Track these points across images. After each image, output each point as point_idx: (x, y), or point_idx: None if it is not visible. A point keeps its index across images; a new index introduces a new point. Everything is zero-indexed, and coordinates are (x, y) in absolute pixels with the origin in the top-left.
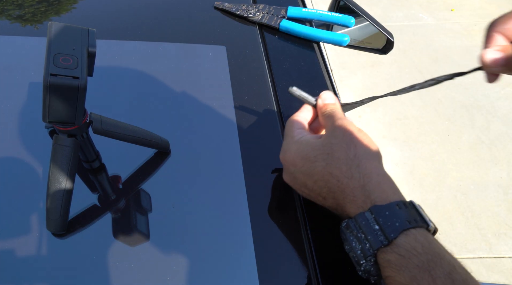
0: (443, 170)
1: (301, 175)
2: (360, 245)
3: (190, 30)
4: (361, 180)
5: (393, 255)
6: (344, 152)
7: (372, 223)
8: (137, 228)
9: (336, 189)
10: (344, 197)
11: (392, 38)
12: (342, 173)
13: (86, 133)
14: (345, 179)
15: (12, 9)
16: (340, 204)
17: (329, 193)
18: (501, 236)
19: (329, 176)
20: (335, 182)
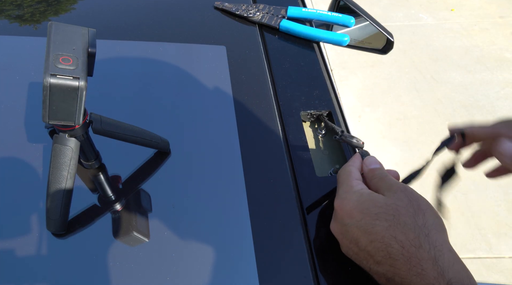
0: None
1: (356, 229)
2: None
3: (190, 30)
4: (431, 252)
5: None
6: (412, 218)
7: None
8: (137, 228)
9: (399, 257)
10: (410, 268)
11: (392, 38)
12: (409, 240)
13: (86, 133)
14: (412, 247)
15: (11, 9)
16: (399, 274)
17: (387, 258)
18: (501, 236)
19: (392, 240)
20: (399, 248)
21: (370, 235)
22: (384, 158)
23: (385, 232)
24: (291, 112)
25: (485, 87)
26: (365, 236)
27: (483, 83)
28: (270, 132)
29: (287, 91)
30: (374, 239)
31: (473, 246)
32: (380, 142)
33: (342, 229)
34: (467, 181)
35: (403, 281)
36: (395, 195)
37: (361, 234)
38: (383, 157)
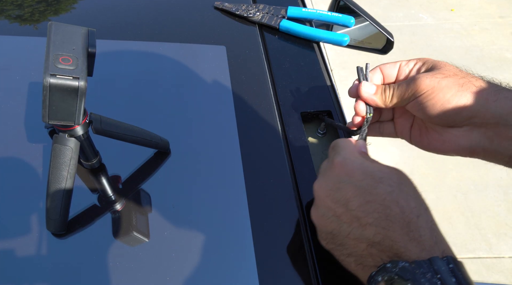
0: (443, 170)
1: (352, 188)
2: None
3: (190, 30)
4: (429, 223)
5: None
6: (414, 191)
7: (448, 274)
8: (137, 228)
9: (398, 220)
10: (407, 232)
11: (392, 38)
12: (410, 207)
13: (86, 133)
14: (412, 214)
15: (11, 9)
16: (392, 237)
17: (383, 220)
18: (501, 236)
19: (393, 203)
20: (399, 211)
21: (369, 196)
22: (384, 158)
23: (387, 195)
24: (291, 112)
25: None
26: (362, 196)
27: None
28: (270, 132)
29: (287, 91)
30: (372, 199)
31: (473, 246)
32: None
33: (334, 186)
34: (467, 181)
35: (395, 244)
36: (398, 172)
37: (358, 193)
38: (383, 157)
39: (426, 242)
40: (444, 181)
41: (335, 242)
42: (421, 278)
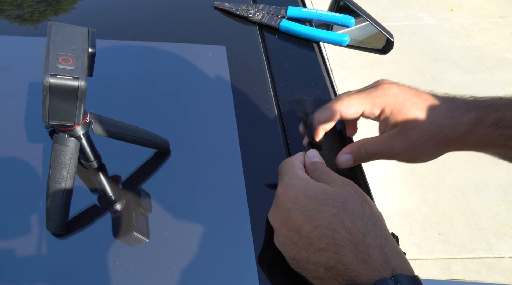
0: (443, 170)
1: (299, 215)
2: None
3: (190, 30)
4: (378, 240)
5: None
6: (360, 207)
7: None
8: (137, 228)
9: (346, 243)
10: (356, 254)
11: (392, 38)
12: (356, 227)
13: (86, 133)
14: (359, 234)
15: (11, 9)
16: (344, 262)
17: (332, 245)
18: (501, 236)
19: (339, 226)
20: (346, 234)
21: (316, 221)
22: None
23: (332, 218)
24: (291, 112)
25: (485, 87)
26: (310, 222)
27: (483, 83)
28: (270, 132)
29: (287, 91)
30: (319, 224)
31: (473, 246)
32: None
33: (283, 215)
34: (467, 181)
35: (347, 268)
36: (342, 186)
37: (306, 219)
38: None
39: (375, 262)
40: (444, 181)
41: (300, 266)
42: None
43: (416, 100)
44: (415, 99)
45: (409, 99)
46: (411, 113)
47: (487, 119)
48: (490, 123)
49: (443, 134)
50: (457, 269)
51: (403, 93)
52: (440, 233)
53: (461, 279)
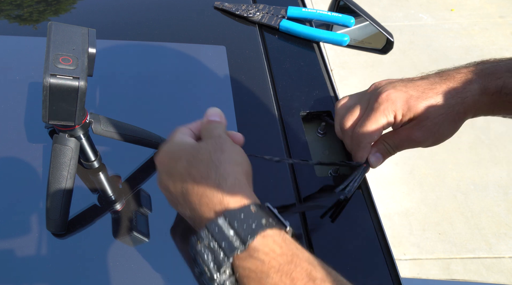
0: (443, 170)
1: (164, 175)
2: (213, 255)
3: (190, 30)
4: (217, 180)
5: (252, 262)
6: (208, 154)
7: (226, 229)
8: (137, 228)
9: (191, 191)
10: (200, 199)
11: (392, 38)
12: (199, 173)
13: (86, 133)
14: (202, 179)
15: (11, 9)
16: (195, 209)
17: (185, 195)
18: (501, 236)
19: (187, 176)
20: (191, 182)
21: (173, 177)
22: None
23: (183, 170)
24: (291, 112)
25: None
26: (170, 179)
27: None
28: (270, 132)
29: (287, 91)
30: (175, 179)
31: (473, 246)
32: None
33: (158, 179)
34: (467, 181)
35: (195, 213)
36: (207, 140)
37: (167, 178)
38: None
39: (213, 203)
40: (444, 181)
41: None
42: (200, 249)
43: (416, 93)
44: (415, 93)
45: (411, 95)
46: (419, 106)
47: (490, 88)
48: (493, 91)
49: (455, 111)
50: (457, 269)
51: (402, 93)
52: (440, 233)
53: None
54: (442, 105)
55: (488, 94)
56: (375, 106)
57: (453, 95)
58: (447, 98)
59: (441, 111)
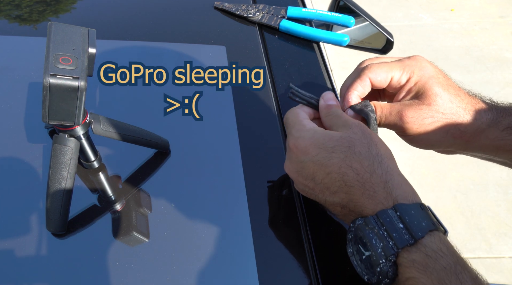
0: (443, 170)
1: (312, 164)
2: (382, 243)
3: (190, 30)
4: (383, 177)
5: (419, 255)
6: (366, 148)
7: (396, 221)
8: (137, 228)
9: (354, 183)
10: (363, 192)
11: (392, 38)
12: (364, 167)
13: (86, 133)
14: (366, 173)
15: (11, 9)
16: (354, 200)
17: (343, 187)
18: (501, 236)
19: (348, 169)
20: (354, 175)
21: (327, 168)
22: None
23: (342, 162)
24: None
25: (485, 87)
26: (322, 169)
27: (483, 83)
28: (270, 132)
29: (287, 91)
30: (331, 170)
31: (473, 246)
32: None
33: (297, 166)
34: (467, 181)
35: (356, 204)
36: (350, 129)
37: (318, 168)
38: None
39: (379, 196)
40: (444, 181)
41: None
42: (369, 233)
43: (443, 80)
44: (443, 79)
45: (438, 77)
46: (434, 89)
47: (502, 122)
48: (505, 126)
49: (456, 124)
50: None
51: (435, 70)
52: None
53: None
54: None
55: (499, 128)
56: (402, 59)
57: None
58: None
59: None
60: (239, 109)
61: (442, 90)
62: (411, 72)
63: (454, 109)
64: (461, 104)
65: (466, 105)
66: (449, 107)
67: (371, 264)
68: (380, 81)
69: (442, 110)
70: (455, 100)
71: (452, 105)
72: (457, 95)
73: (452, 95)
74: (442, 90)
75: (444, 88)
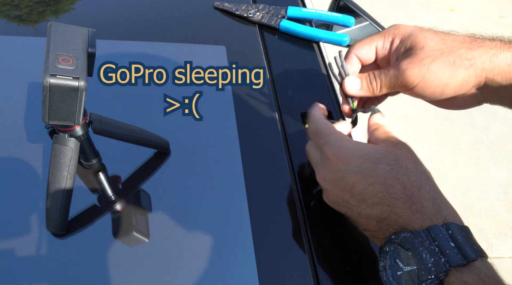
0: (443, 170)
1: (353, 174)
2: (433, 258)
3: (190, 30)
4: (431, 193)
5: (473, 277)
6: (413, 163)
7: (448, 239)
8: (137, 228)
9: (400, 196)
10: (410, 205)
11: None
12: (411, 181)
13: (86, 133)
14: (413, 187)
15: (11, 9)
16: (397, 213)
17: (387, 198)
18: (501, 236)
19: (394, 181)
20: (400, 188)
21: (371, 178)
22: None
23: (388, 174)
24: (291, 112)
25: None
26: (364, 180)
27: None
28: (270, 132)
29: (287, 91)
30: (375, 181)
31: None
32: None
33: (335, 176)
34: (467, 181)
35: (399, 218)
36: (397, 145)
37: (360, 178)
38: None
39: (428, 212)
40: (444, 181)
41: (351, 221)
42: (419, 246)
43: (429, 29)
44: (428, 29)
45: (421, 28)
46: (421, 35)
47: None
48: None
49: (459, 54)
50: None
51: (415, 26)
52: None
53: None
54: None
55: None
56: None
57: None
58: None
59: (441, 46)
60: (239, 109)
61: (431, 34)
62: (392, 34)
63: (451, 43)
64: (459, 39)
65: (465, 38)
66: (444, 43)
67: (412, 280)
68: (366, 53)
69: (438, 48)
70: (449, 38)
71: (447, 41)
72: (450, 34)
73: (444, 35)
74: (430, 34)
75: (432, 32)
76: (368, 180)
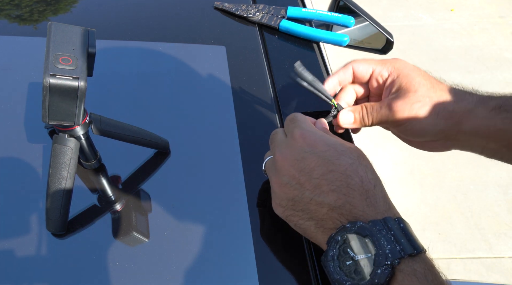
0: (443, 170)
1: (316, 158)
2: (389, 245)
3: (190, 30)
4: (383, 192)
5: (421, 265)
6: (370, 165)
7: (399, 231)
8: (137, 228)
9: (358, 188)
10: (365, 199)
11: (392, 38)
12: (368, 178)
13: (86, 133)
14: (370, 184)
15: (11, 9)
16: (352, 203)
17: (344, 188)
18: (501, 236)
19: (354, 173)
20: (358, 181)
21: (332, 165)
22: (384, 158)
23: (349, 166)
24: (291, 112)
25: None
26: (326, 166)
27: (483, 83)
28: (270, 132)
29: (287, 91)
30: (335, 169)
31: (473, 246)
32: (380, 142)
33: (297, 156)
34: (467, 181)
35: (354, 208)
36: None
37: (322, 162)
38: (383, 157)
39: (381, 207)
40: (444, 181)
41: (296, 208)
42: (377, 233)
43: (423, 73)
44: (423, 72)
45: (418, 70)
46: (416, 79)
47: (489, 103)
48: (492, 106)
49: (444, 105)
50: (457, 269)
51: (414, 67)
52: (440, 233)
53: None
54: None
55: (487, 108)
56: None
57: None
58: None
59: (431, 94)
60: (239, 109)
61: (424, 80)
62: (391, 67)
63: (439, 93)
64: (445, 89)
65: (451, 89)
66: (434, 92)
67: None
68: (362, 71)
69: (428, 95)
70: (438, 87)
71: (436, 90)
72: (439, 83)
73: (434, 83)
74: (424, 79)
75: (426, 78)
76: (330, 167)
